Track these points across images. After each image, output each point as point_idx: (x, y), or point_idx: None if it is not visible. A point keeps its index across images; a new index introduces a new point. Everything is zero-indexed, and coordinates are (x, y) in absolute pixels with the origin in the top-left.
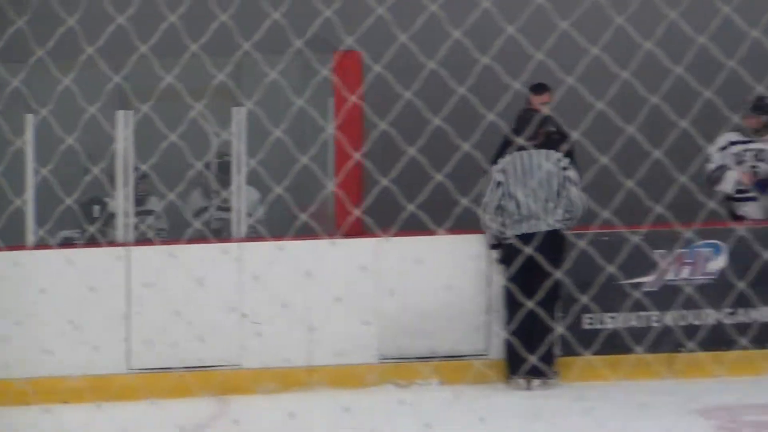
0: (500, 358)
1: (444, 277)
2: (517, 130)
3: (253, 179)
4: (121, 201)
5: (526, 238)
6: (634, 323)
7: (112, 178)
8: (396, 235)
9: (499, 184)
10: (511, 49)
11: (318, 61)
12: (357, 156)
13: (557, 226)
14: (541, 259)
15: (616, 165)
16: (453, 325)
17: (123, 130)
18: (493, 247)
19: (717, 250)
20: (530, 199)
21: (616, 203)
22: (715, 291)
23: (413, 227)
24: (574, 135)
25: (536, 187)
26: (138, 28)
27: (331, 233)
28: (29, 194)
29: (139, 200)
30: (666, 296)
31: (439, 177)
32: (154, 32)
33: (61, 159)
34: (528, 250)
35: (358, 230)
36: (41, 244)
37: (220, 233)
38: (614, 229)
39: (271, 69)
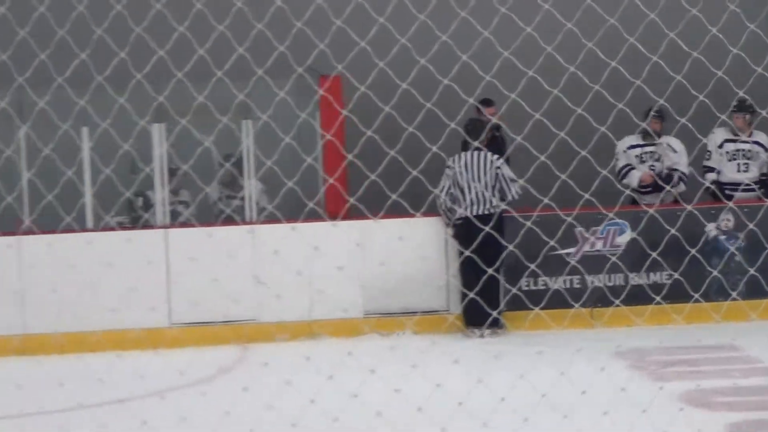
0: (458, 313)
1: (417, 250)
2: (466, 135)
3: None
4: (160, 193)
5: (471, 219)
6: (561, 285)
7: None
8: (382, 218)
9: (447, 177)
10: (465, 70)
11: (310, 84)
12: (347, 157)
13: (492, 210)
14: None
15: (551, 162)
16: (423, 287)
17: (159, 139)
18: (447, 226)
19: (624, 227)
20: (475, 189)
21: (551, 193)
22: (622, 259)
23: (394, 212)
24: (517, 139)
25: (476, 180)
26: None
27: (328, 218)
28: (87, 189)
29: (175, 192)
30: (586, 264)
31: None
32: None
33: (107, 161)
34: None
35: (345, 216)
36: (102, 227)
37: (233, 217)
38: (548, 212)
39: (273, 90)
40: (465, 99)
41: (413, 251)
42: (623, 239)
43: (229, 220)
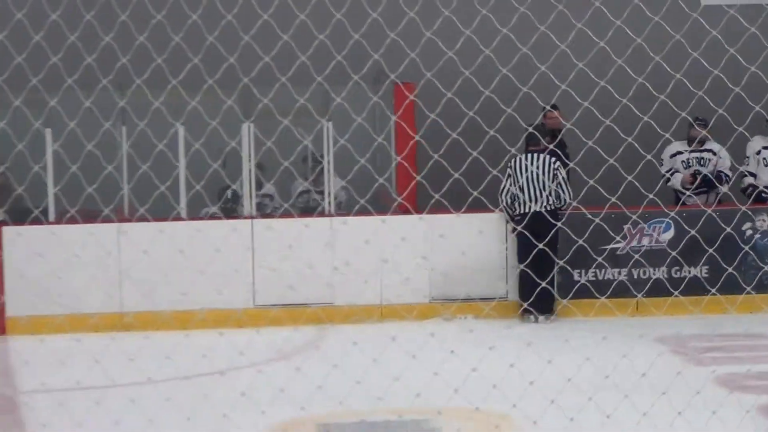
0: (516, 300)
1: (481, 243)
2: (527, 139)
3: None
4: (247, 187)
5: (528, 216)
6: (610, 277)
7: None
8: (447, 213)
9: (509, 176)
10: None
11: (386, 90)
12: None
13: (549, 208)
14: (539, 229)
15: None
16: (485, 276)
17: (247, 137)
18: (508, 221)
19: (668, 225)
20: (531, 189)
21: (599, 193)
22: (665, 254)
23: (460, 208)
24: (572, 143)
25: (535, 180)
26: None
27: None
28: (182, 182)
29: (259, 186)
30: (632, 258)
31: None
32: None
33: (196, 157)
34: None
35: (416, 210)
36: (192, 216)
37: (315, 210)
38: (600, 210)
39: (351, 96)
40: (531, 103)
41: (478, 244)
42: (667, 236)
43: (309, 212)
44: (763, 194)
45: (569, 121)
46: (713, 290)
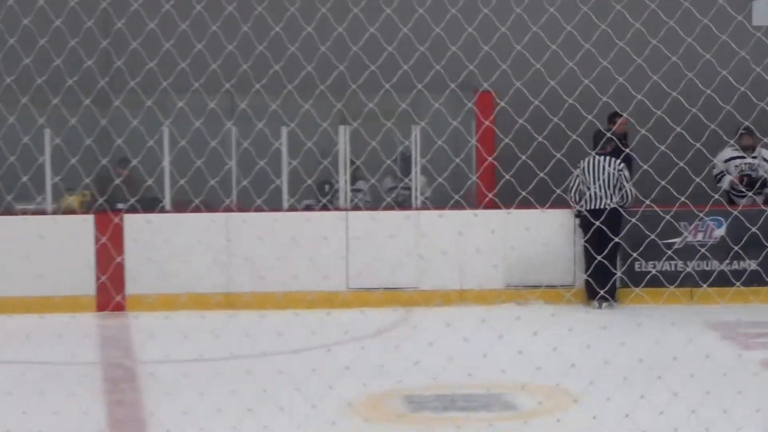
0: (581, 289)
1: (550, 235)
2: (593, 143)
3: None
4: (343, 182)
5: (594, 212)
6: (667, 268)
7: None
8: (518, 208)
9: (577, 176)
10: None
11: (465, 98)
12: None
13: (613, 205)
14: (603, 223)
15: (658, 167)
16: (553, 266)
17: (342, 137)
18: (576, 217)
19: (719, 223)
20: (597, 188)
21: (656, 192)
22: (717, 249)
23: (530, 204)
24: (633, 145)
25: (601, 180)
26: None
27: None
28: (284, 178)
29: (353, 181)
30: (688, 252)
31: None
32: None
33: (296, 155)
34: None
35: (491, 206)
36: (290, 208)
37: (403, 204)
38: (657, 207)
39: (435, 103)
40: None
41: (547, 236)
42: (719, 232)
43: (396, 206)
44: None
45: (634, 126)
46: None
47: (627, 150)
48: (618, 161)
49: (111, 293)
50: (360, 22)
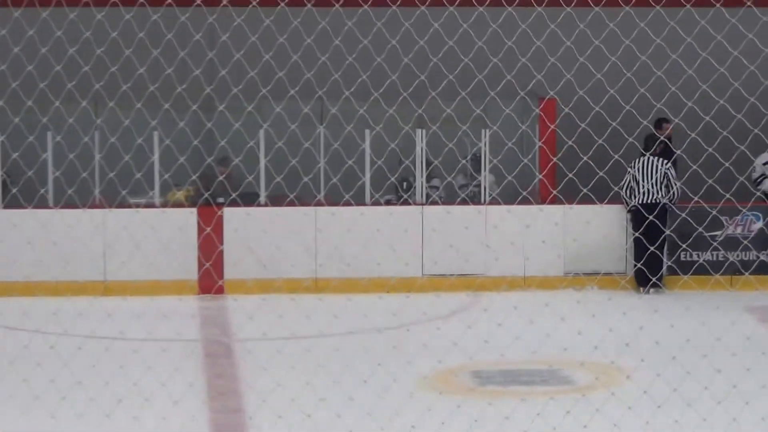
0: (632, 276)
1: (605, 228)
2: (645, 146)
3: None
4: (419, 180)
5: (646, 206)
6: (711, 258)
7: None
8: (578, 204)
9: (629, 175)
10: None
11: (531, 104)
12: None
13: (661, 201)
14: (652, 218)
15: (706, 166)
16: (607, 255)
17: (420, 140)
18: (627, 212)
19: (758, 217)
20: (649, 185)
21: (702, 189)
22: (756, 241)
23: (589, 200)
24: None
25: (653, 178)
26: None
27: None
28: (368, 176)
29: (428, 179)
30: (730, 243)
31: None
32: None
33: (377, 155)
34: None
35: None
36: (374, 202)
37: (473, 200)
38: (702, 203)
39: (505, 108)
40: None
41: (604, 228)
42: (757, 226)
43: (468, 202)
44: None
45: (677, 130)
46: None
47: (677, 152)
48: (666, 162)
49: (212, 278)
50: (439, 36)
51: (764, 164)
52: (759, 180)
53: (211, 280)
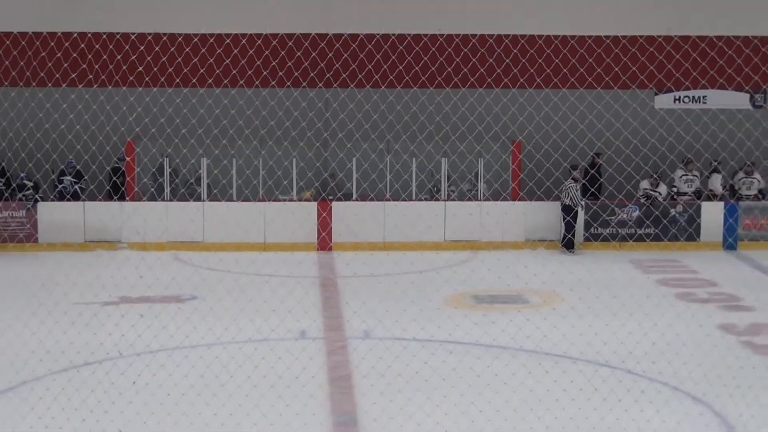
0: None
1: (548, 214)
2: (584, 172)
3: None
4: (444, 185)
5: (566, 205)
6: (609, 232)
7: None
8: (535, 201)
9: (563, 186)
10: None
11: (508, 143)
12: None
13: (573, 203)
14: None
15: (609, 180)
16: (550, 230)
17: (444, 165)
18: (561, 207)
19: (635, 209)
20: (569, 193)
21: (606, 192)
22: (636, 222)
23: (541, 198)
24: None
25: (570, 190)
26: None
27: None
28: (413, 185)
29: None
30: (620, 223)
31: None
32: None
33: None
34: None
35: None
36: (417, 199)
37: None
38: (605, 201)
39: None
40: None
41: (548, 215)
42: (635, 214)
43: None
44: None
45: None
46: None
47: (601, 179)
48: (576, 184)
49: (326, 241)
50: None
51: (681, 177)
52: (643, 194)
53: (325, 243)
